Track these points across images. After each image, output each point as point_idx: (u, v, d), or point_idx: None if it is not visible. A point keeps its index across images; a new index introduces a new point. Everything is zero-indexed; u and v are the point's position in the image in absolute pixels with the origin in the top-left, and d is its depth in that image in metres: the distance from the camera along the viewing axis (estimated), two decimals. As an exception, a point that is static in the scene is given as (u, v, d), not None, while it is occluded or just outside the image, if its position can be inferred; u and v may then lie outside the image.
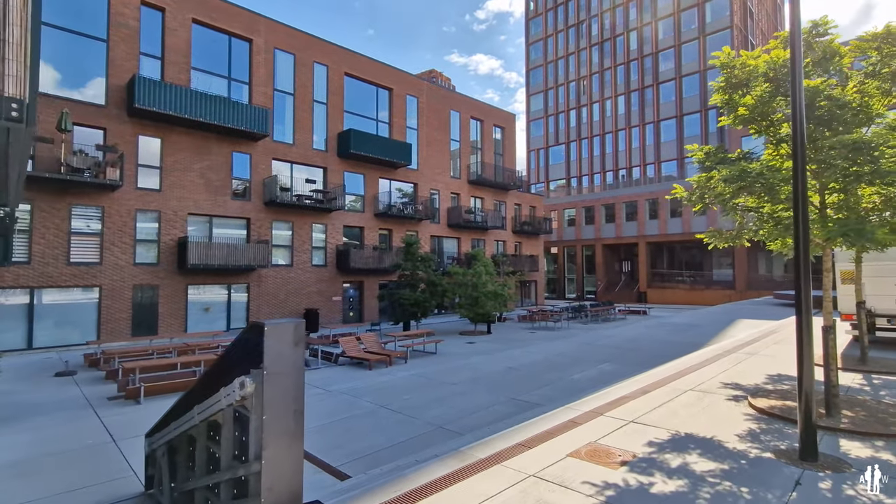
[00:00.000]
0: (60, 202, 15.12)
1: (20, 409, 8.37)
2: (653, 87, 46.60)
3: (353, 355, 12.44)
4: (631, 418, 5.57)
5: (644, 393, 6.68)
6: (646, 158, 47.06)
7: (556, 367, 11.26)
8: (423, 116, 27.03)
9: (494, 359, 12.88)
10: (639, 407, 6.06)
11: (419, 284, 20.16)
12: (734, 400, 6.36)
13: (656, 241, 40.54)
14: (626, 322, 23.00)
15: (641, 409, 5.92)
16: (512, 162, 33.10)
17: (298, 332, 3.13)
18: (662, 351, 12.60)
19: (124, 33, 16.58)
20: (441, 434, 6.82)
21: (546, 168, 55.19)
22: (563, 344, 15.07)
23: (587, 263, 45.28)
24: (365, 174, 23.85)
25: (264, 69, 20.22)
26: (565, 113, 53.57)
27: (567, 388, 9.20)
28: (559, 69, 54.60)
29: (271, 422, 2.98)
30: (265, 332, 2.98)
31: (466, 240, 29.26)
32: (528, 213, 34.75)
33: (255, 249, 18.48)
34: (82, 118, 15.60)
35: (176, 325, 17.34)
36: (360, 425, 7.33)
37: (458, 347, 15.55)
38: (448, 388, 9.57)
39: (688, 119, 44.75)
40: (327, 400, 8.86)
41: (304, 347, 3.10)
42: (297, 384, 3.10)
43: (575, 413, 5.84)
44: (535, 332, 19.83)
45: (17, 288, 14.42)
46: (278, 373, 2.99)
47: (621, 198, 42.39)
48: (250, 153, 19.64)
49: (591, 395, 6.84)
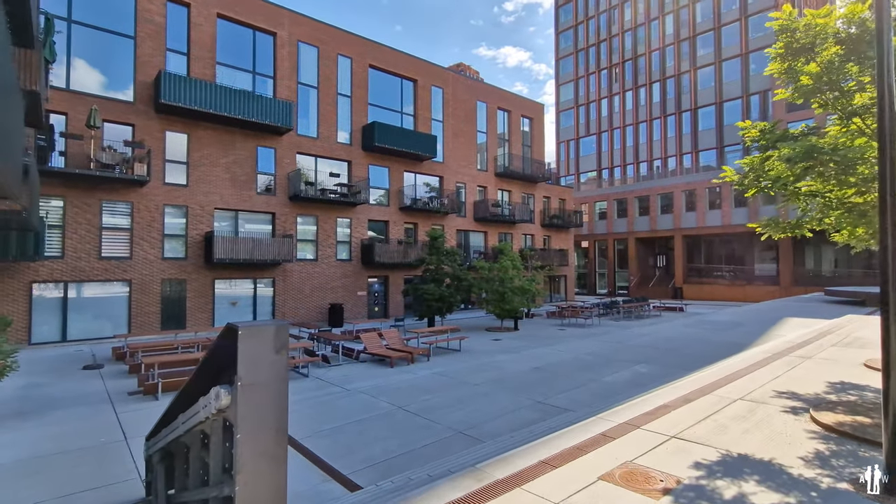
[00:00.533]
0: (91, 198, 15.39)
1: (42, 402, 8.39)
2: (690, 72, 44.40)
3: (375, 352, 12.11)
4: (672, 433, 4.91)
5: (686, 402, 5.98)
6: (682, 148, 44.97)
7: (587, 368, 10.59)
8: (449, 108, 26.46)
9: (521, 357, 12.30)
10: (681, 419, 5.37)
11: (444, 279, 19.70)
12: (792, 413, 5.58)
13: (693, 235, 38.70)
14: (661, 319, 21.90)
15: (684, 422, 5.24)
16: (541, 153, 32.12)
17: (281, 336, 2.68)
18: (703, 352, 11.70)
19: (151, 29, 16.70)
20: (460, 441, 6.34)
21: (576, 160, 53.64)
22: (593, 342, 14.32)
23: (619, 258, 43.75)
24: (390, 167, 23.51)
25: (288, 62, 20.10)
26: (596, 102, 51.82)
27: (598, 391, 8.55)
28: (590, 57, 52.82)
29: (246, 442, 2.54)
30: (239, 336, 2.54)
31: (493, 234, 28.60)
32: (557, 206, 33.73)
33: (280, 244, 18.44)
34: (111, 115, 15.82)
35: (203, 319, 17.50)
36: (375, 428, 6.93)
37: (483, 344, 15.03)
38: (470, 388, 9.08)
39: (728, 106, 42.41)
40: (344, 399, 8.52)
41: (287, 354, 2.63)
42: (279, 397, 2.66)
43: (607, 424, 5.22)
44: (565, 329, 19.07)
45: (52, 282, 14.78)
46: (255, 385, 2.56)
47: (656, 189, 40.64)
48: (275, 147, 19.59)
49: (626, 403, 6.19)
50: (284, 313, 19.49)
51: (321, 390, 9.25)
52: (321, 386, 9.61)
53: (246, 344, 2.55)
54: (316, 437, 6.67)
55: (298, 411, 7.89)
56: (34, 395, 8.88)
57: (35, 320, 14.53)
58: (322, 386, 9.61)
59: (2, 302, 13.94)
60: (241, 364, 2.54)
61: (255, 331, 2.60)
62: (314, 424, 7.17)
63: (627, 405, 6.01)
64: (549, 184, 33.32)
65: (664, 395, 6.35)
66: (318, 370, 11.14)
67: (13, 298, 14.13)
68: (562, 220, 32.89)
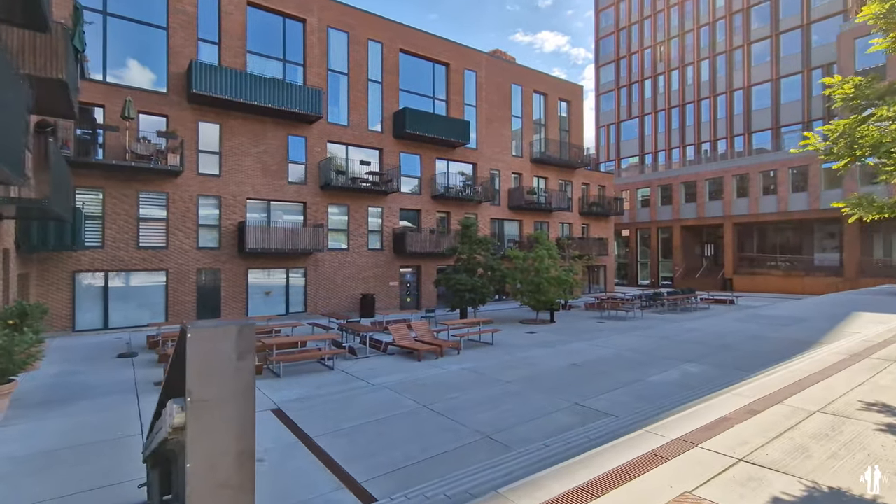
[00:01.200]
0: (129, 189, 15.66)
1: (71, 391, 8.42)
2: (743, 48, 41.25)
3: (403, 344, 11.66)
4: (739, 454, 4.09)
5: (751, 413, 5.11)
6: (733, 130, 42.02)
7: (629, 366, 9.72)
8: (483, 92, 25.54)
9: (556, 352, 11.53)
10: (747, 435, 4.52)
11: (477, 269, 19.04)
12: (891, 432, 4.63)
13: (745, 222, 36.17)
14: (710, 313, 20.42)
15: (752, 440, 4.39)
16: (579, 138, 30.69)
17: (244, 339, 2.14)
18: (762, 350, 10.55)
19: (182, 19, 16.73)
20: (486, 447, 5.74)
21: (617, 145, 51.32)
22: (636, 337, 13.33)
23: (663, 247, 41.59)
24: (421, 155, 22.96)
25: (318, 49, 19.80)
26: (639, 83, 49.21)
27: (643, 393, 7.72)
28: (633, 35, 50.12)
29: (198, 472, 2.02)
30: (188, 340, 2.02)
31: (529, 222, 27.61)
32: (596, 192, 32.24)
33: (312, 233, 18.30)
34: (146, 106, 16.00)
35: (238, 308, 17.65)
36: (397, 428, 6.44)
37: (517, 337, 14.32)
38: (501, 386, 8.44)
39: (786, 82, 39.15)
40: (368, 395, 8.08)
41: (254, 360, 2.06)
42: (243, 416, 2.13)
43: (657, 440, 4.46)
44: (604, 322, 18.05)
45: (93, 271, 15.19)
46: (209, 401, 2.03)
47: (704, 174, 38.19)
48: (305, 136, 19.42)
49: (678, 413, 5.38)
50: (317, 303, 19.43)
51: (345, 384, 8.87)
52: (345, 380, 9.24)
53: (197, 349, 2.02)
54: (333, 435, 6.25)
55: (319, 406, 7.54)
56: (65, 382, 8.95)
57: (78, 308, 14.99)
58: (346, 380, 9.24)
59: (48, 290, 14.43)
60: (190, 375, 2.01)
61: (210, 333, 2.06)
62: (333, 422, 6.76)
63: (680, 415, 5.21)
64: (588, 170, 31.85)
65: (723, 404, 5.50)
66: (345, 362, 10.81)
67: (58, 287, 14.60)
68: (601, 208, 31.41)
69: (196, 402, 2.00)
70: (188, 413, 1.99)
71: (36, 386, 8.69)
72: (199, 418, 2.00)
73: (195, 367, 2.00)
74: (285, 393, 8.30)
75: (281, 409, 7.39)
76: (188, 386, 1.99)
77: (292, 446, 5.91)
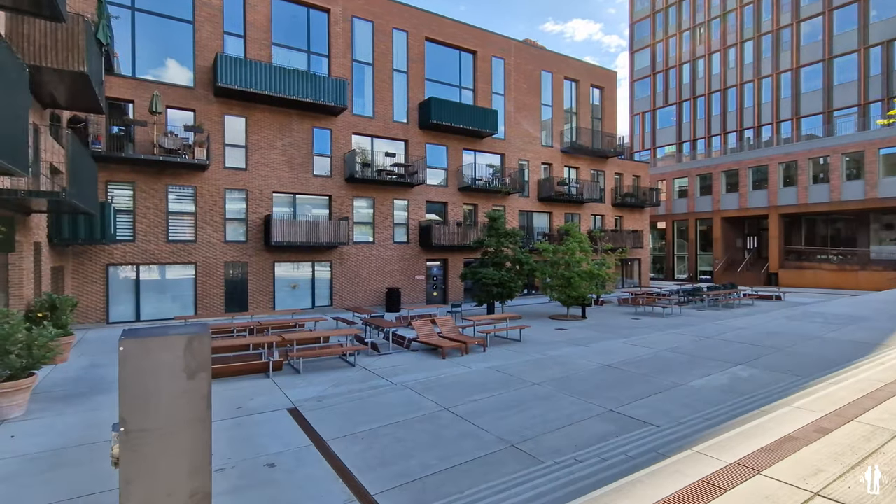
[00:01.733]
0: (158, 183, 15.84)
1: (93, 385, 8.41)
2: (791, 26, 38.59)
3: (426, 341, 11.26)
4: (814, 487, 3.39)
5: (821, 432, 4.40)
6: (780, 115, 39.49)
7: (669, 368, 8.99)
8: (511, 79, 24.73)
9: (589, 351, 10.87)
10: (820, 461, 3.83)
11: (504, 262, 18.43)
12: None
13: (792, 213, 33.97)
14: (755, 309, 19.15)
15: (827, 468, 3.69)
16: (612, 126, 29.43)
17: (197, 352, 1.71)
18: (820, 353, 9.59)
19: (208, 13, 16.72)
20: (512, 458, 5.24)
21: (652, 133, 49.23)
22: (675, 335, 12.49)
23: (702, 239, 39.64)
24: (448, 146, 22.44)
25: (342, 39, 19.51)
26: (676, 68, 46.93)
27: (687, 400, 7.03)
28: (670, 18, 47.78)
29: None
30: (119, 353, 1.60)
31: (559, 214, 26.70)
32: (630, 183, 30.91)
33: (337, 226, 18.13)
34: (173, 101, 16.11)
35: (265, 302, 17.70)
36: (415, 433, 6.02)
37: (547, 334, 13.70)
38: (529, 389, 7.91)
39: (839, 63, 36.40)
40: (387, 396, 7.71)
41: (209, 378, 1.61)
42: (197, 448, 1.71)
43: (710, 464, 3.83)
44: (639, 318, 17.15)
45: (125, 264, 15.46)
46: (149, 430, 1.61)
47: (747, 162, 36.04)
48: (330, 128, 19.21)
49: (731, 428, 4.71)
50: (342, 297, 19.31)
51: (364, 382, 8.54)
52: (366, 377, 8.90)
53: (133, 366, 1.60)
54: (348, 439, 5.89)
55: (336, 406, 7.21)
56: (89, 376, 8.97)
57: (112, 301, 15.31)
58: (367, 377, 8.91)
59: (82, 283, 14.77)
60: (124, 399, 1.60)
61: (150, 345, 1.64)
62: (349, 424, 6.41)
63: (734, 432, 4.55)
64: (622, 159, 30.55)
65: (784, 419, 4.79)
66: (367, 359, 10.50)
67: (92, 280, 14.93)
68: (636, 199, 30.10)
69: (133, 434, 1.59)
70: (121, 447, 1.58)
71: (63, 378, 8.75)
72: (137, 452, 1.59)
73: (130, 390, 1.58)
74: (303, 391, 8.03)
75: (297, 408, 7.10)
76: (121, 413, 1.58)
77: (305, 450, 5.58)
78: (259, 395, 7.77)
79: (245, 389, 8.14)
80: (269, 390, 8.10)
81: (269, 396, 7.73)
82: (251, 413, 6.90)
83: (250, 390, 8.09)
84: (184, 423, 1.67)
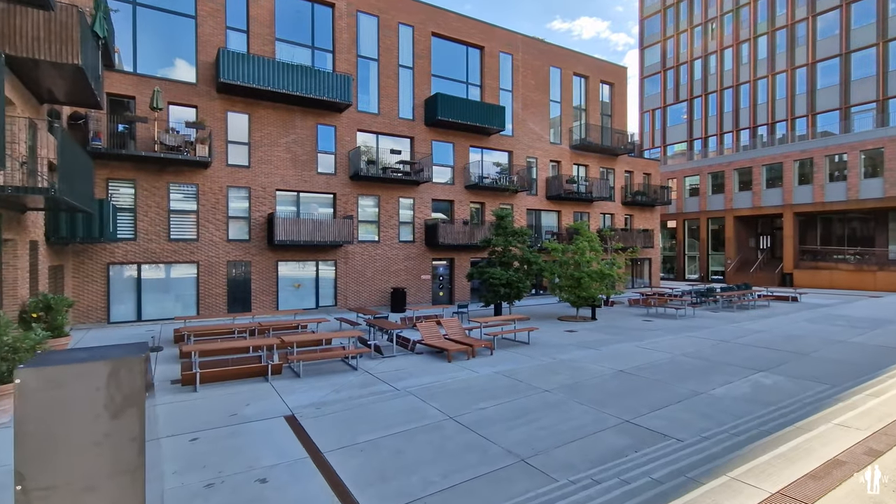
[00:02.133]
0: (159, 181, 15.59)
1: (87, 388, 8.11)
2: (807, 20, 37.68)
3: (431, 343, 10.88)
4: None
5: (872, 455, 3.94)
6: (794, 111, 38.58)
7: (687, 374, 8.54)
8: (519, 75, 24.25)
9: (600, 355, 10.44)
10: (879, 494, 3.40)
11: (512, 262, 18.00)
12: None
13: (807, 212, 33.14)
14: (771, 311, 18.54)
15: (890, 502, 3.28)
16: (622, 123, 28.84)
17: (125, 382, 1.33)
18: (847, 359, 9.08)
19: (211, 7, 16.44)
20: (520, 474, 4.85)
21: (663, 130, 48.43)
22: (690, 338, 12.01)
23: (713, 239, 38.87)
24: (454, 143, 22.03)
25: (347, 35, 19.16)
26: (687, 64, 46.09)
27: (708, 410, 6.59)
28: (681, 13, 46.94)
29: None
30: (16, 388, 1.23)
31: (568, 213, 26.20)
32: (641, 181, 30.29)
33: (341, 225, 17.80)
34: (175, 97, 15.85)
35: (268, 301, 17.42)
36: (417, 445, 5.65)
37: (556, 336, 13.26)
38: (538, 396, 7.50)
39: (856, 57, 35.46)
40: (389, 402, 7.34)
41: (143, 417, 1.20)
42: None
43: (752, 496, 3.37)
44: (651, 320, 16.64)
45: (126, 263, 15.23)
46: (55, 488, 1.23)
47: (760, 160, 35.24)
48: (335, 125, 18.88)
49: (765, 448, 4.26)
50: (347, 297, 18.98)
51: (366, 388, 8.17)
52: (367, 382, 8.54)
53: (32, 405, 1.23)
54: (347, 451, 5.53)
55: (336, 413, 6.86)
56: (84, 379, 8.69)
57: (112, 300, 15.08)
58: (368, 382, 8.54)
59: (83, 282, 14.57)
60: (21, 449, 1.23)
61: (56, 376, 1.28)
62: (349, 434, 6.05)
63: (771, 454, 4.10)
64: (632, 156, 29.94)
65: (826, 438, 4.34)
66: (370, 362, 10.15)
67: (92, 279, 14.72)
68: (646, 197, 29.49)
69: (34, 493, 1.21)
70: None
71: (55, 382, 8.47)
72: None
73: (31, 435, 1.21)
74: (302, 396, 7.68)
75: (295, 415, 6.75)
76: (17, 466, 1.20)
77: (300, 463, 5.22)
78: (256, 401, 7.44)
79: (242, 394, 7.81)
80: (267, 395, 7.76)
81: (266, 402, 7.39)
82: (246, 421, 6.56)
83: (247, 395, 7.76)
84: (104, 477, 1.29)
